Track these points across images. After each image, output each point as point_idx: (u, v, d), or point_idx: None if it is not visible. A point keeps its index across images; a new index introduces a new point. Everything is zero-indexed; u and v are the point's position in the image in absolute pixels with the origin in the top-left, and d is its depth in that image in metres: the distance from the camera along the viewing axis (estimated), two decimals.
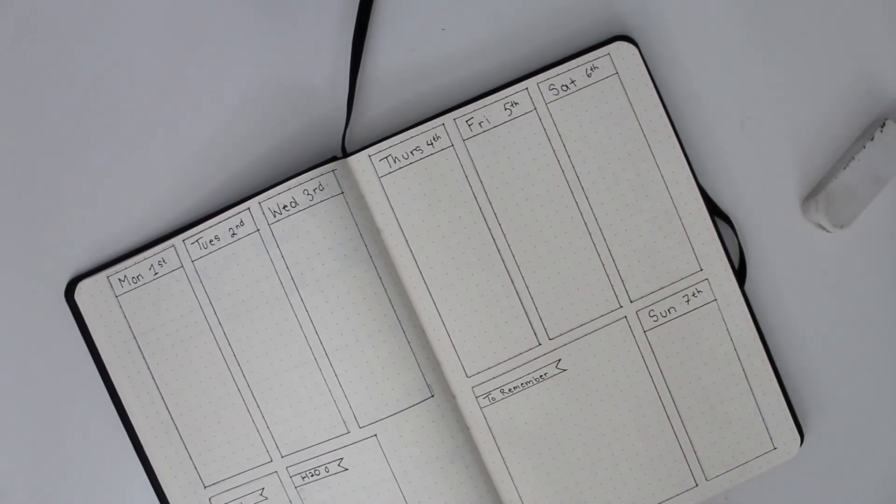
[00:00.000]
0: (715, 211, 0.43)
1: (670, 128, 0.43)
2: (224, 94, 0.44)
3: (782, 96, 0.45)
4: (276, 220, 0.42)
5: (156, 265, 0.43)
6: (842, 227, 0.44)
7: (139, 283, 0.43)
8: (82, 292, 0.43)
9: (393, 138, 0.42)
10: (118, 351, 0.43)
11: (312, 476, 0.43)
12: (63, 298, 0.43)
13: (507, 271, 0.43)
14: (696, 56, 0.44)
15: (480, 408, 0.43)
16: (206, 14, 0.44)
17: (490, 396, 0.43)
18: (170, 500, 0.43)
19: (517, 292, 0.43)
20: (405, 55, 0.44)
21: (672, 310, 0.43)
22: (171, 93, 0.44)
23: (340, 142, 0.44)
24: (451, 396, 0.42)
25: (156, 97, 0.44)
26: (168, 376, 0.43)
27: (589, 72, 0.43)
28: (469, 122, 0.42)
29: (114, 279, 0.43)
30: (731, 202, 0.44)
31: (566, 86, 0.43)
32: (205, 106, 0.44)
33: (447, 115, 0.42)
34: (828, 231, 0.44)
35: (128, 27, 0.44)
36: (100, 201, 0.44)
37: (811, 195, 0.44)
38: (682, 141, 0.43)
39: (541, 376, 0.43)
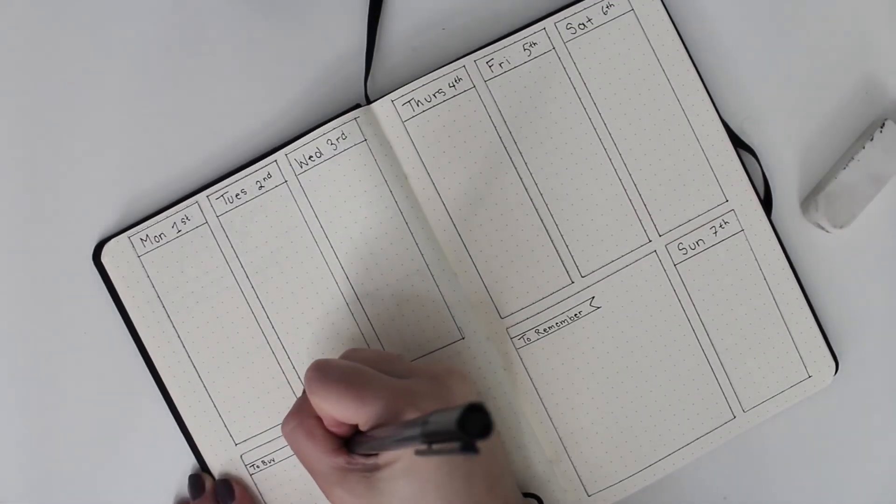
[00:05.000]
0: (737, 143, 0.44)
1: (689, 61, 0.43)
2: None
3: (782, 96, 0.45)
4: (302, 170, 0.42)
5: (178, 223, 0.42)
6: (841, 227, 0.44)
7: (161, 242, 0.42)
8: (107, 254, 0.42)
9: (414, 82, 0.42)
10: (143, 311, 0.42)
11: None
12: (91, 261, 0.42)
13: (536, 210, 0.42)
14: (694, 55, 0.44)
15: (516, 349, 0.42)
16: None
17: (525, 337, 0.42)
18: (205, 458, 0.42)
19: (547, 231, 0.42)
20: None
21: (700, 242, 0.43)
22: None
23: (363, 89, 0.43)
24: (483, 339, 0.42)
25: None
26: (194, 334, 0.42)
27: (605, 9, 0.43)
28: (489, 64, 0.43)
29: (135, 239, 0.42)
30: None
31: (583, 24, 0.43)
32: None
33: (467, 57, 0.42)
34: (827, 231, 0.44)
35: None
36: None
37: (811, 195, 0.45)
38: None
39: (576, 315, 0.43)
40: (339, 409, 0.34)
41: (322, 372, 0.35)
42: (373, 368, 0.36)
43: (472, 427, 0.24)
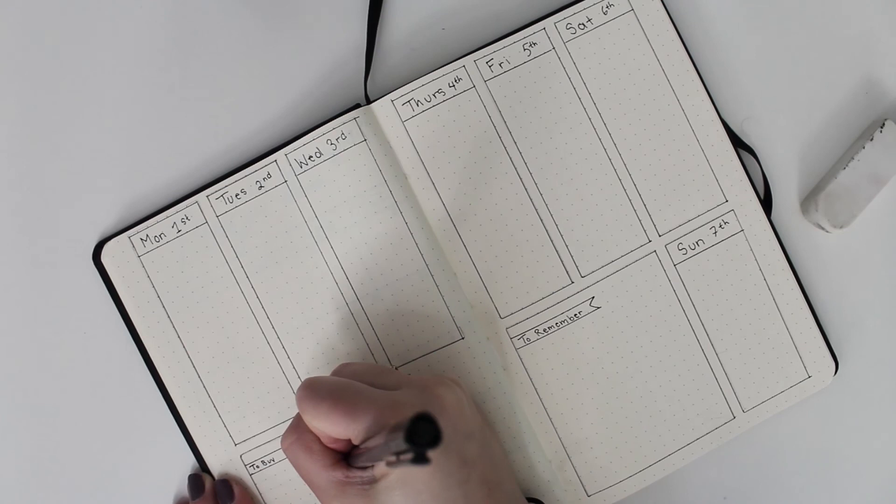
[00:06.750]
0: (737, 143, 0.44)
1: (689, 61, 0.43)
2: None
3: (782, 96, 0.45)
4: (302, 170, 0.42)
5: (178, 223, 0.42)
6: (841, 227, 0.44)
7: (161, 242, 0.42)
8: (107, 254, 0.42)
9: (414, 82, 0.42)
10: (143, 311, 0.42)
11: None
12: (91, 261, 0.43)
13: (536, 210, 0.42)
14: (694, 55, 0.44)
15: (516, 349, 0.42)
16: None
17: (525, 337, 0.42)
18: (205, 458, 0.42)
19: (547, 231, 0.42)
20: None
21: (700, 242, 0.43)
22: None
23: (363, 89, 0.43)
24: (483, 339, 0.42)
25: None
26: (194, 334, 0.42)
27: (605, 9, 0.43)
28: (489, 63, 0.43)
29: (135, 239, 0.42)
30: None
31: (583, 24, 0.43)
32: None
33: (467, 57, 0.42)
34: (827, 231, 0.44)
35: None
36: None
37: (811, 195, 0.45)
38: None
39: (575, 315, 0.43)
40: (330, 426, 0.35)
41: (311, 390, 0.36)
42: (364, 382, 0.36)
43: (420, 437, 0.24)
